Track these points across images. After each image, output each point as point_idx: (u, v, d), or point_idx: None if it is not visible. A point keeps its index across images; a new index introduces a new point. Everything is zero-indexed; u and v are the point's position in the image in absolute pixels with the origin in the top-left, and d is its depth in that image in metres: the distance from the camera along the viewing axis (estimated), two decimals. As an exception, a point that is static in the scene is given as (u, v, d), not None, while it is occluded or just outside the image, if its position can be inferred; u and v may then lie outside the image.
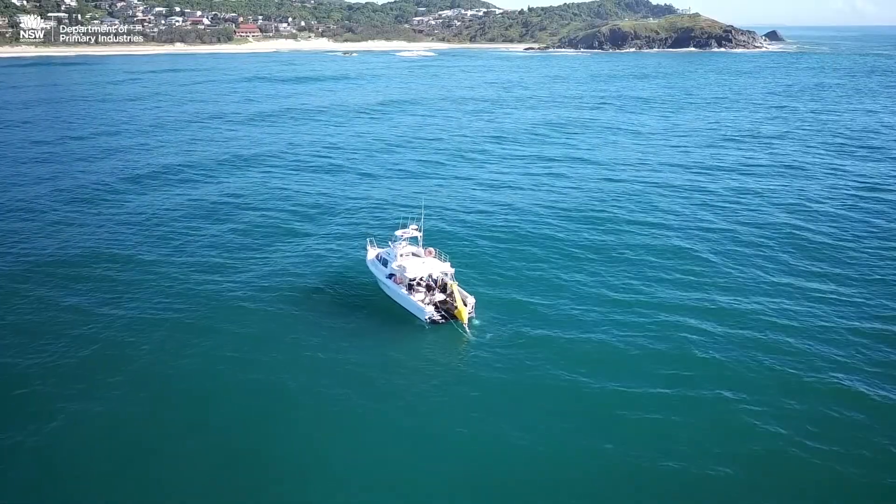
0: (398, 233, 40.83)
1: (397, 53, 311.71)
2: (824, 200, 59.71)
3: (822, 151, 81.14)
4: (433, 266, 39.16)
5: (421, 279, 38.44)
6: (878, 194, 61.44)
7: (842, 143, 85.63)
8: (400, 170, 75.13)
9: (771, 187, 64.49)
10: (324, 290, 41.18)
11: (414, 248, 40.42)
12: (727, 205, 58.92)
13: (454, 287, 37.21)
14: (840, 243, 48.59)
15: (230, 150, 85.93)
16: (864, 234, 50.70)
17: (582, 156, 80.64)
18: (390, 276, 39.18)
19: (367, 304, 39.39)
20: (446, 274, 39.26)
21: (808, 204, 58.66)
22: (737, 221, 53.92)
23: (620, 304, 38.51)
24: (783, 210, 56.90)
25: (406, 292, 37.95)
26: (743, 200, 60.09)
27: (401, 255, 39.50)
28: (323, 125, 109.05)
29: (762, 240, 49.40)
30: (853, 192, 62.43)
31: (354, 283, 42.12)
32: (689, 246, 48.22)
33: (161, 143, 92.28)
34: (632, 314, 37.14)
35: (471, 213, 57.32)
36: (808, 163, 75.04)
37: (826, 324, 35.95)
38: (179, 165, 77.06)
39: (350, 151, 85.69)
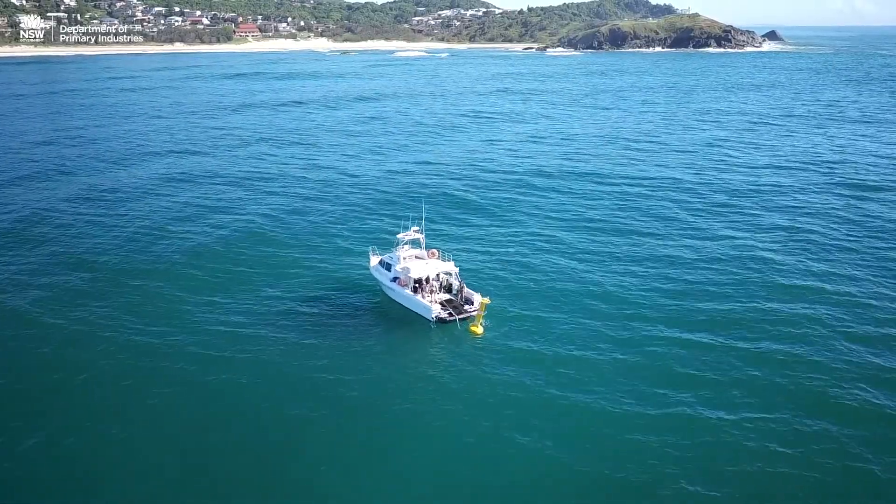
0: (399, 236, 40.79)
1: (394, 53, 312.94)
2: (819, 203, 59.35)
3: (817, 151, 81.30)
4: (437, 266, 39.22)
5: (426, 279, 38.50)
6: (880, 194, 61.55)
7: (837, 144, 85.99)
8: (391, 171, 74.71)
9: (766, 190, 64.24)
10: (326, 299, 40.30)
11: (417, 251, 40.43)
12: (717, 209, 58.36)
13: (477, 298, 37.14)
14: (835, 244, 48.35)
15: (209, 150, 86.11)
16: (859, 237, 50.38)
17: (575, 164, 79.78)
18: (394, 279, 39.21)
19: (372, 309, 39.20)
20: (450, 274, 39.35)
21: (802, 207, 58.31)
22: (729, 226, 53.29)
23: (612, 316, 37.46)
24: (774, 210, 56.76)
25: (411, 293, 38.02)
26: (734, 204, 59.57)
27: (404, 258, 39.49)
28: (308, 124, 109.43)
29: (754, 244, 48.82)
30: (849, 194, 62.24)
31: (357, 291, 41.72)
32: (677, 253, 47.31)
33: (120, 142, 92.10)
34: (621, 328, 36.00)
35: (464, 217, 57.48)
36: (802, 162, 75.11)
37: (814, 331, 35.30)
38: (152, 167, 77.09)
39: (340, 153, 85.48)
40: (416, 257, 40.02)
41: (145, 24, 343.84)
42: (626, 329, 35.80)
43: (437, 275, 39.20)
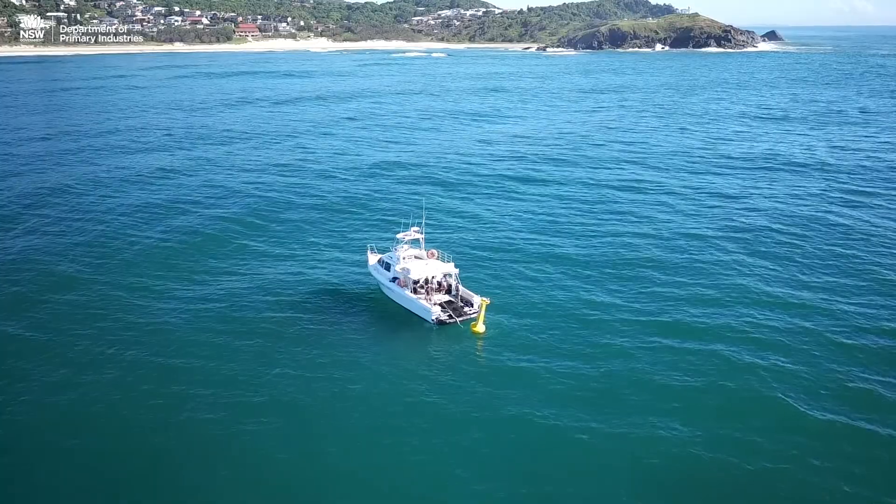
0: (399, 235, 40.78)
1: (392, 54, 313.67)
2: (812, 208, 58.30)
3: (813, 153, 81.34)
4: (437, 267, 39.23)
5: (426, 280, 38.52)
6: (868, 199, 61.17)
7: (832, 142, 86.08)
8: (381, 170, 74.37)
9: (752, 190, 64.15)
10: (321, 300, 39.92)
11: (416, 251, 40.44)
12: (704, 209, 57.96)
13: (476, 299, 37.10)
14: (826, 250, 47.68)
15: (199, 150, 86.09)
16: (848, 240, 49.96)
17: (571, 168, 78.31)
18: (394, 279, 39.24)
19: (369, 310, 39.02)
20: (450, 275, 39.33)
21: (787, 208, 57.86)
22: (716, 227, 52.85)
23: (604, 323, 36.73)
24: (763, 215, 56.00)
25: (411, 294, 38.03)
26: (721, 205, 59.10)
27: (403, 258, 39.51)
28: (299, 123, 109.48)
29: (744, 249, 48.27)
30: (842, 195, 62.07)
31: (354, 291, 41.57)
32: (665, 255, 46.76)
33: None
34: (614, 335, 35.34)
35: (462, 218, 57.35)
36: (798, 164, 75.10)
37: (800, 341, 34.61)
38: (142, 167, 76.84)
39: (331, 152, 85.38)
40: (416, 257, 40.05)
41: (145, 23, 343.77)
42: (619, 336, 35.17)
43: (442, 275, 39.19)
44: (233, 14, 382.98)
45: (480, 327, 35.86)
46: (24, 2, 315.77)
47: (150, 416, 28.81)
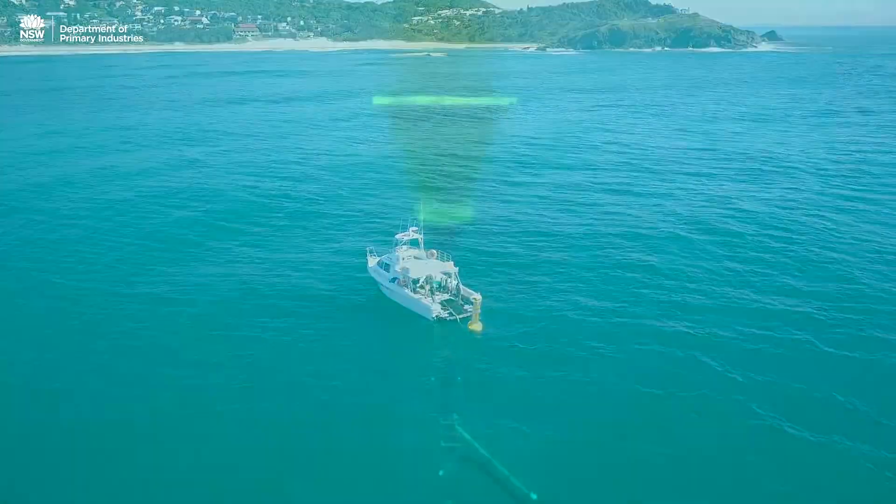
0: (398, 236, 40.94)
1: (391, 54, 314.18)
2: (807, 215, 57.69)
3: (809, 155, 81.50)
4: (436, 266, 39.36)
5: (426, 280, 38.66)
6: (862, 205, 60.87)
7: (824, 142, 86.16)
8: (383, 175, 74.30)
9: (748, 193, 64.13)
10: (312, 304, 39.68)
11: (415, 251, 40.56)
12: (701, 211, 57.96)
13: (474, 297, 37.22)
14: (819, 257, 47.27)
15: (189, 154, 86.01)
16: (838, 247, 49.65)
17: (567, 172, 78.57)
18: (393, 279, 39.36)
19: (364, 313, 39.03)
20: (449, 274, 39.47)
21: (782, 212, 57.77)
22: (711, 231, 52.66)
23: (596, 327, 36.68)
24: (758, 218, 55.82)
25: (411, 294, 38.14)
26: (719, 208, 59.01)
27: (403, 259, 39.62)
28: (300, 124, 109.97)
29: (735, 250, 48.36)
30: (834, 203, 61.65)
31: (347, 295, 41.40)
32: (660, 259, 46.72)
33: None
34: (604, 339, 35.32)
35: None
36: (795, 167, 75.20)
37: (787, 349, 34.48)
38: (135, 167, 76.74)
39: (325, 151, 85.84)
40: (415, 257, 40.15)
41: (145, 23, 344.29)
42: (610, 341, 35.22)
43: (441, 275, 39.32)
44: (233, 14, 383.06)
45: (478, 325, 36.04)
46: (24, 1, 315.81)
47: (136, 423, 28.73)
